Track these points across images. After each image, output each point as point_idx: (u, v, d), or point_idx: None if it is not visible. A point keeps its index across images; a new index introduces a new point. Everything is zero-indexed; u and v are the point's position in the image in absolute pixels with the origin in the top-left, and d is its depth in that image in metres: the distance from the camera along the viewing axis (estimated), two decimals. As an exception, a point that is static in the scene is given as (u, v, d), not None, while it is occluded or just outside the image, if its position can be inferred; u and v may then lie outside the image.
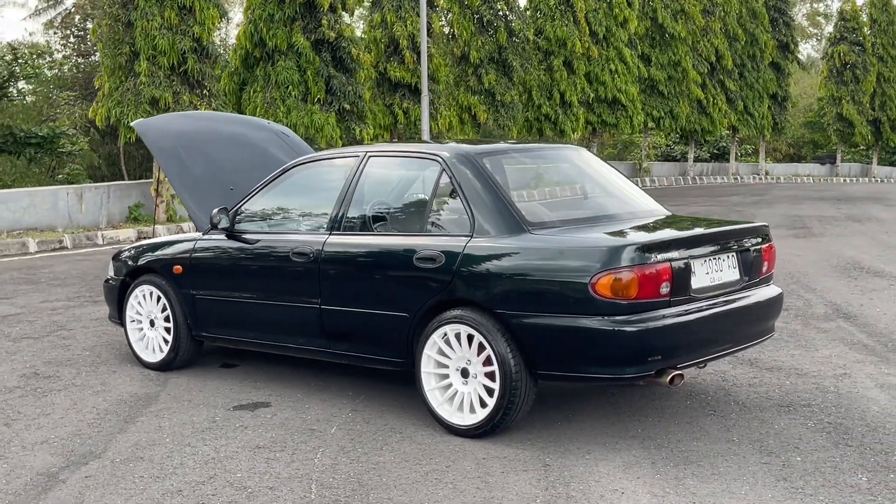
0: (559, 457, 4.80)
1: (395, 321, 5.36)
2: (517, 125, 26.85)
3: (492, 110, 25.26)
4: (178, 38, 16.69)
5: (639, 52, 33.82)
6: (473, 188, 5.24)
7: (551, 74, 28.92)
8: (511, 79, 25.86)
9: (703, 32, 37.65)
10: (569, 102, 29.14)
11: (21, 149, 25.87)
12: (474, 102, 24.94)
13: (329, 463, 4.76)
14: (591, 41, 30.71)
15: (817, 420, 5.35)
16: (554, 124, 29.06)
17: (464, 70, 25.36)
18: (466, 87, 25.19)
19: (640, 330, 4.68)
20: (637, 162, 38.45)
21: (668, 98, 36.07)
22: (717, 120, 38.97)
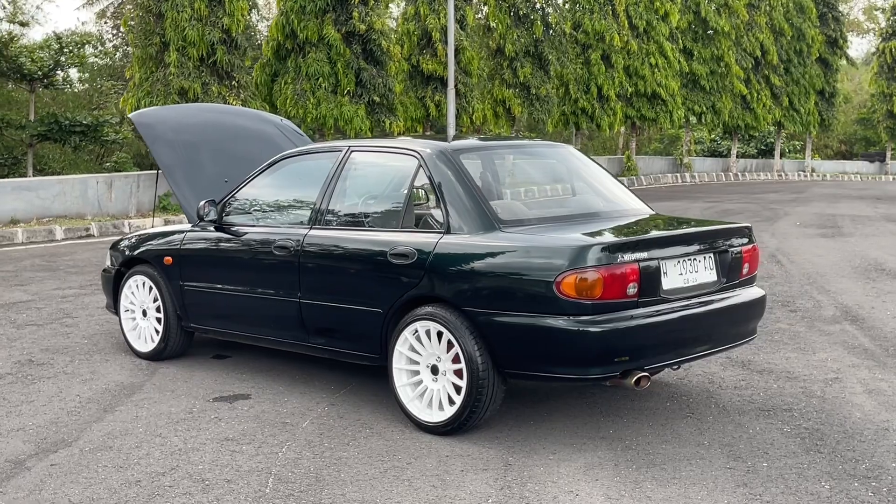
0: (523, 456, 4.78)
1: (370, 316, 5.37)
2: (552, 119, 26.70)
3: (526, 104, 25.15)
4: (208, 29, 16.82)
5: (680, 46, 33.45)
6: (448, 185, 5.23)
7: (588, 68, 28.72)
8: (547, 72, 25.71)
9: (747, 27, 37.15)
10: (606, 96, 28.92)
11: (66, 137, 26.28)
12: (509, 96, 24.84)
13: (292, 457, 4.78)
14: (631, 35, 30.46)
15: (794, 425, 5.26)
16: (591, 118, 28.87)
17: (499, 63, 25.27)
18: (501, 80, 25.10)
19: (605, 331, 4.63)
20: (678, 157, 38.10)
21: (710, 93, 35.65)
22: (760, 116, 38.46)
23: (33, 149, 28.07)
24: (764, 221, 17.75)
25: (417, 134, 9.29)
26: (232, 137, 7.30)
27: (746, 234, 5.51)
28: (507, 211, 5.31)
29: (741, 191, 29.26)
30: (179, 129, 7.13)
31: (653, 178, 33.55)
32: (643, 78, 31.05)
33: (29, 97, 30.65)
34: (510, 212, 5.32)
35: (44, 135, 26.45)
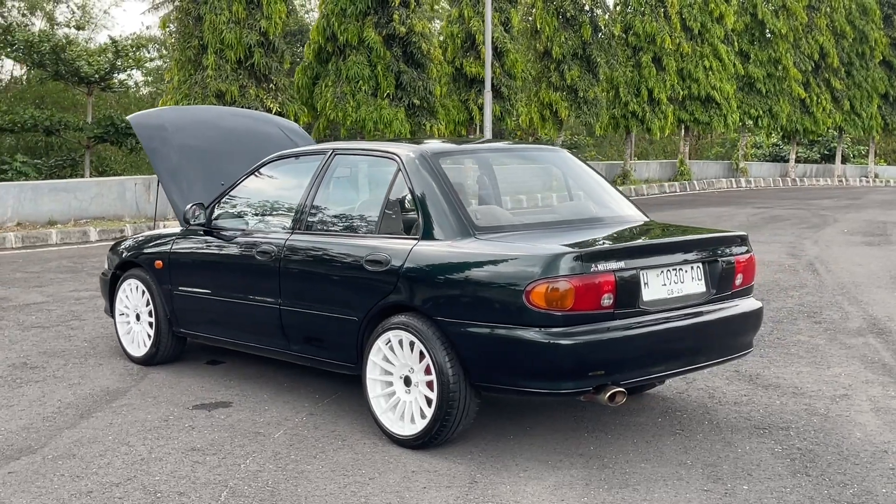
0: (492, 473, 4.58)
1: (346, 325, 5.21)
2: (601, 122, 26.33)
3: (574, 107, 24.82)
4: (245, 31, 16.84)
5: (736, 48, 32.82)
6: (424, 189, 5.05)
7: (639, 71, 28.29)
8: (596, 75, 25.35)
9: (806, 29, 36.34)
10: (657, 100, 28.46)
11: (122, 138, 26.58)
12: (556, 99, 24.54)
13: (254, 470, 4.64)
14: (685, 37, 29.95)
15: (787, 445, 4.99)
16: (641, 122, 28.43)
17: (546, 66, 24.97)
18: (548, 83, 24.81)
19: (577, 343, 4.41)
20: (734, 162, 37.41)
21: (767, 96, 34.93)
22: (820, 120, 37.56)
23: (91, 151, 28.45)
24: (810, 228, 17.27)
25: (410, 138, 9.09)
26: (231, 139, 7.20)
27: (741, 243, 5.24)
28: (488, 217, 5.12)
29: (796, 196, 28.59)
30: (176, 130, 7.04)
31: (706, 182, 32.95)
32: (697, 81, 30.50)
33: (87, 100, 31.13)
34: (490, 218, 5.12)
35: (100, 137, 26.77)
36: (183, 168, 6.88)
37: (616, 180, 28.76)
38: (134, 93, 39.46)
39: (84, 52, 30.98)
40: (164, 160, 6.85)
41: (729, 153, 44.39)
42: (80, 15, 47.70)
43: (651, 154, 47.84)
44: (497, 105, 21.94)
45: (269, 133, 7.42)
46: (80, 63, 29.77)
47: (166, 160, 6.86)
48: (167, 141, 6.96)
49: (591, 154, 38.72)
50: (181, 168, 6.89)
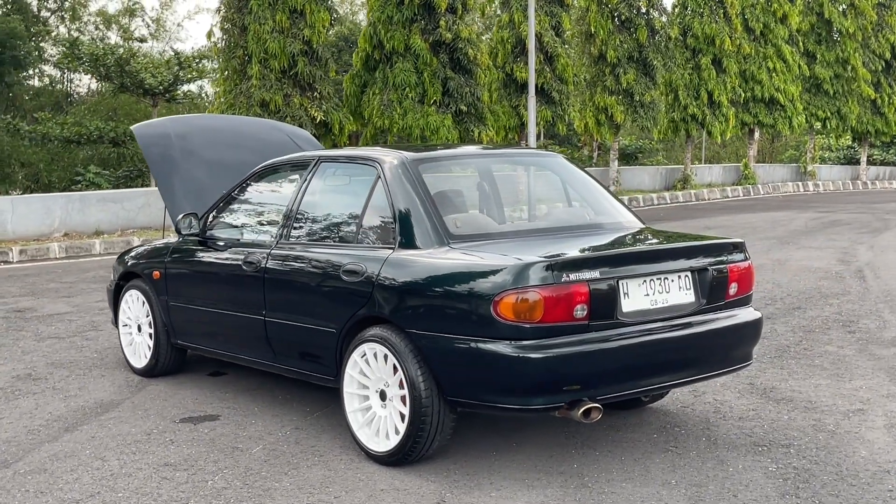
0: (463, 492, 4.39)
1: (325, 337, 5.07)
2: (659, 126, 25.87)
3: (630, 111, 24.42)
4: (289, 40, 16.87)
5: (801, 49, 32.04)
6: (401, 196, 4.89)
7: (699, 73, 27.75)
8: (653, 78, 24.91)
9: (876, 28, 35.29)
10: (717, 102, 27.87)
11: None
12: (611, 103, 24.16)
13: (220, 487, 4.51)
14: (748, 38, 29.32)
15: (784, 464, 4.71)
16: (701, 125, 27.88)
17: (601, 70, 24.61)
18: (603, 87, 24.44)
19: (548, 357, 4.20)
20: (802, 165, 36.52)
21: (835, 98, 34.01)
22: (892, 120, 36.42)
23: (154, 161, 28.82)
24: (869, 233, 16.68)
25: (398, 145, 8.98)
26: (236, 147, 7.11)
27: (736, 251, 4.97)
28: (468, 225, 4.93)
29: (863, 200, 27.74)
30: (180, 140, 6.98)
31: (771, 186, 32.20)
32: (760, 83, 29.84)
33: (153, 111, 31.62)
34: (471, 226, 4.94)
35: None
36: (183, 177, 6.82)
37: (676, 185, 28.28)
38: (202, 103, 40.03)
39: (150, 64, 31.54)
40: (163, 170, 6.80)
41: (801, 157, 43.33)
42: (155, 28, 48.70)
43: (724, 158, 47.01)
44: (548, 110, 21.69)
45: (277, 140, 7.33)
46: (144, 75, 30.30)
47: (165, 170, 6.80)
48: (169, 150, 6.91)
49: (657, 159, 38.12)
50: (182, 178, 6.83)
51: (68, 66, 37.57)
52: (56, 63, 40.15)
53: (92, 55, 31.02)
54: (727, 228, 17.38)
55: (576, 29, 24.74)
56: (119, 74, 30.92)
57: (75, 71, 39.49)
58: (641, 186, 27.81)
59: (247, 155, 7.03)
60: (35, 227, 15.20)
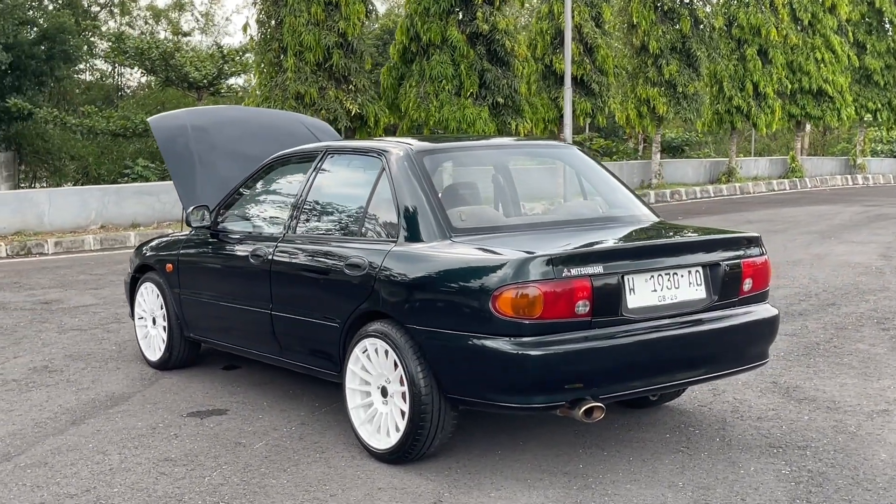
0: (462, 492, 4.28)
1: (329, 331, 4.98)
2: (702, 118, 25.46)
3: (673, 103, 24.05)
4: (324, 33, 16.82)
5: (851, 39, 31.37)
6: (404, 189, 4.78)
7: (744, 64, 27.27)
8: (696, 69, 24.51)
9: (929, 17, 34.43)
10: (763, 94, 27.37)
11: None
12: (653, 94, 23.81)
13: (216, 483, 4.45)
14: (795, 28, 28.77)
15: (798, 466, 4.54)
16: (746, 117, 27.40)
17: (643, 61, 24.26)
18: (645, 78, 24.10)
19: (548, 354, 4.07)
20: (851, 158, 35.82)
21: (886, 89, 33.24)
22: (945, 112, 35.54)
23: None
24: (915, 227, 16.27)
25: (409, 135, 8.71)
26: (253, 138, 7.04)
27: (751, 246, 4.79)
28: (473, 218, 4.81)
29: (912, 193, 27.13)
30: (196, 131, 6.93)
31: (819, 180, 31.58)
32: (808, 74, 29.24)
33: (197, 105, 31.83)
34: (476, 219, 4.82)
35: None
36: (197, 170, 6.77)
37: (720, 178, 27.85)
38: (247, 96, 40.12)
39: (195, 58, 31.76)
40: (177, 161, 6.75)
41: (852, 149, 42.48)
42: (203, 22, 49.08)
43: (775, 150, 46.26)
44: (588, 102, 21.44)
45: (294, 132, 7.25)
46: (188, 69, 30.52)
47: (180, 161, 6.75)
48: (185, 142, 6.86)
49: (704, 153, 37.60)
50: (196, 170, 6.77)
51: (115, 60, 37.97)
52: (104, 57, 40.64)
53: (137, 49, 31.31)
54: (769, 222, 17.06)
55: (617, 20, 24.41)
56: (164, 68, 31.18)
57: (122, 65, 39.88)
58: (685, 179, 27.41)
59: (264, 146, 6.94)
60: (72, 220, 15.32)
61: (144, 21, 46.51)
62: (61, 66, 35.44)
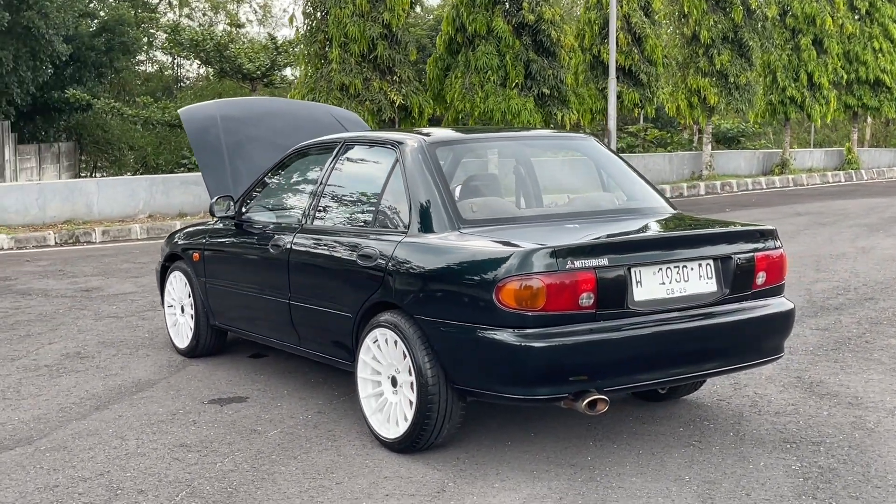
0: (466, 482, 4.30)
1: (342, 321, 5.03)
2: (755, 109, 25.11)
3: (724, 93, 23.74)
4: (369, 24, 16.89)
5: (910, 28, 30.65)
6: (416, 180, 4.80)
7: (798, 54, 26.82)
8: (748, 59, 24.16)
9: None
10: (817, 84, 26.90)
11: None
12: (704, 85, 23.51)
13: (226, 469, 4.52)
14: (852, 17, 28.22)
15: (809, 462, 4.49)
16: (800, 108, 26.95)
17: (694, 51, 23.97)
18: (696, 68, 23.81)
19: (551, 346, 4.08)
20: (907, 149, 35.08)
21: (947, 79, 32.45)
22: None
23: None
24: (969, 220, 15.91)
25: (424, 127, 8.59)
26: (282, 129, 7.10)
27: (766, 239, 4.74)
28: (484, 209, 4.82)
29: (973, 185, 26.51)
30: (226, 122, 7.01)
31: (876, 171, 31.00)
32: (865, 64, 28.68)
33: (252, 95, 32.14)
34: (487, 210, 4.83)
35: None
36: (226, 160, 6.85)
37: (773, 170, 27.45)
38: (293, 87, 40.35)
39: (249, 49, 32.08)
40: (206, 152, 6.83)
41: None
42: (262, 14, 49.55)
43: (835, 142, 45.46)
44: (636, 92, 21.26)
45: (323, 122, 7.30)
46: (241, 60, 30.83)
47: (208, 152, 6.84)
48: (215, 133, 6.94)
49: (760, 143, 37.07)
50: (225, 160, 6.86)
51: (171, 52, 38.48)
52: (161, 49, 41.21)
53: (192, 40, 31.70)
54: (818, 214, 16.80)
55: (668, 9, 24.15)
56: (218, 59, 31.53)
57: (178, 56, 40.39)
58: (737, 171, 27.06)
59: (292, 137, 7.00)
60: (120, 209, 15.60)
61: (203, 13, 47.09)
62: (120, 58, 36.04)
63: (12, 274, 10.95)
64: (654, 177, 24.08)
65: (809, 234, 13.55)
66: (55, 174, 34.28)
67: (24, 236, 13.88)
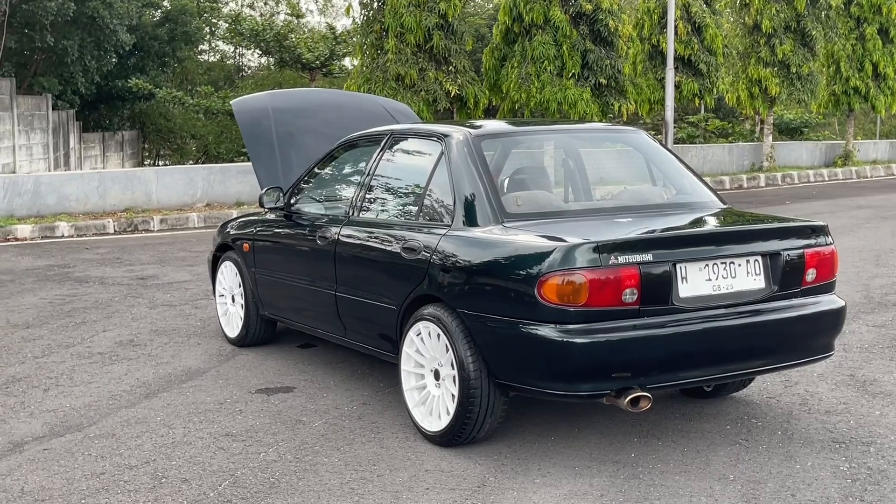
0: (507, 477, 4.28)
1: (387, 313, 5.04)
2: (817, 99, 24.64)
3: (786, 83, 23.33)
4: (425, 14, 16.87)
5: (982, 16, 29.80)
6: (461, 173, 4.79)
7: (863, 44, 26.24)
8: (811, 49, 23.72)
9: None
10: (883, 74, 26.30)
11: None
12: (766, 75, 23.13)
13: (270, 459, 4.56)
14: (919, 5, 27.51)
15: (858, 463, 4.40)
16: (864, 98, 26.39)
17: (755, 40, 23.58)
18: (757, 58, 23.42)
19: (594, 342, 4.05)
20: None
21: None
22: None
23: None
24: None
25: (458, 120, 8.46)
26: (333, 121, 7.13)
27: (814, 235, 4.64)
28: (529, 203, 4.79)
29: None
30: (278, 114, 7.05)
31: (943, 163, 30.26)
32: (934, 53, 27.96)
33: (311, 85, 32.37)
34: (532, 204, 4.80)
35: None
36: (277, 152, 6.89)
37: (836, 162, 26.94)
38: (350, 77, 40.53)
39: (309, 39, 32.29)
40: (257, 144, 6.88)
41: None
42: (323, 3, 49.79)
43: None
44: (695, 82, 20.98)
45: (374, 113, 7.32)
46: (301, 50, 31.04)
47: (260, 144, 6.88)
48: (267, 125, 6.99)
49: (824, 134, 36.39)
50: (276, 152, 6.90)
51: (232, 41, 38.87)
52: (222, 39, 41.64)
53: (252, 30, 31.99)
54: (880, 208, 16.46)
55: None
56: (278, 49, 31.79)
57: (238, 46, 40.79)
58: (799, 162, 26.60)
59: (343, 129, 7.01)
60: (178, 198, 15.80)
61: (264, 2, 47.44)
62: (183, 48, 36.48)
63: (71, 261, 11.15)
64: (714, 168, 23.78)
65: (870, 228, 13.27)
66: (118, 162, 34.89)
67: (83, 224, 14.12)
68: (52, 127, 27.74)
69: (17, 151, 25.53)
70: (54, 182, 15.13)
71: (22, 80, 28.70)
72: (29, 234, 13.56)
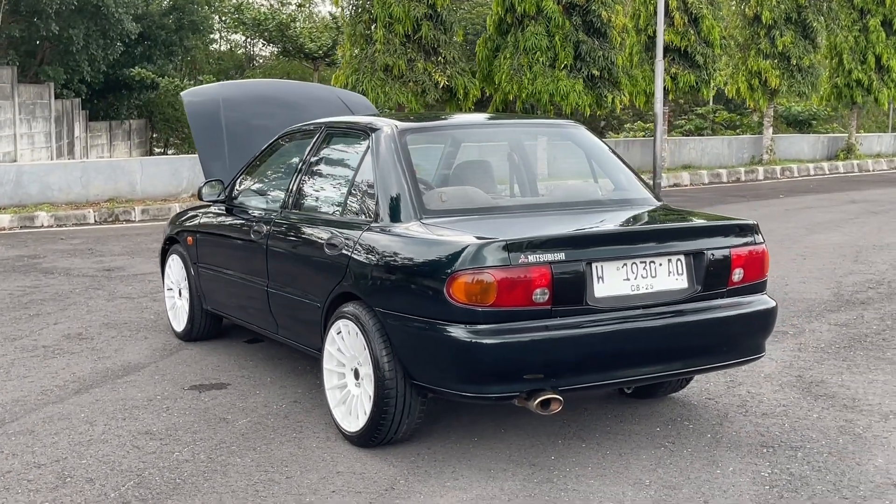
0: (418, 480, 4.18)
1: (312, 310, 4.95)
2: (818, 92, 24.39)
3: (786, 76, 23.08)
4: (413, 4, 16.72)
5: None
6: (384, 168, 4.68)
7: (866, 36, 25.94)
8: (813, 41, 23.46)
9: None
10: (886, 67, 25.99)
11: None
12: (766, 67, 22.88)
13: (182, 459, 4.47)
14: (924, -4, 27.18)
15: (780, 469, 4.28)
16: (867, 91, 26.09)
17: (755, 32, 23.34)
18: (757, 50, 23.18)
19: (502, 343, 3.94)
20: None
21: None
22: None
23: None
24: None
25: (400, 113, 8.28)
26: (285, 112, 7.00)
27: (745, 234, 4.52)
28: (454, 199, 4.68)
29: None
30: (229, 106, 6.95)
31: (946, 157, 29.95)
32: (938, 46, 27.63)
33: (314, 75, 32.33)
34: (457, 200, 4.68)
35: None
36: (225, 144, 6.79)
37: (838, 155, 26.67)
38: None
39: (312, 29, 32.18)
40: (204, 135, 6.78)
41: None
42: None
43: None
44: (692, 74, 20.75)
45: (329, 105, 7.20)
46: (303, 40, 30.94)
47: (207, 135, 6.78)
48: (216, 116, 6.88)
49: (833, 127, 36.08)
50: (225, 144, 6.80)
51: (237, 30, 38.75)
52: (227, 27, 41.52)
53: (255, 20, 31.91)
54: (873, 202, 16.27)
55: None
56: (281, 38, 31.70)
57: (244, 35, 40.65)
58: (800, 156, 26.34)
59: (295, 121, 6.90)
60: (163, 188, 15.73)
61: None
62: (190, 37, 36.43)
63: (42, 252, 11.09)
64: (713, 161, 23.57)
65: (858, 224, 13.09)
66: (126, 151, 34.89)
67: (64, 214, 14.07)
68: (54, 115, 27.72)
69: (18, 140, 25.53)
70: (37, 172, 15.08)
71: (28, 69, 28.71)
72: (8, 224, 13.52)
